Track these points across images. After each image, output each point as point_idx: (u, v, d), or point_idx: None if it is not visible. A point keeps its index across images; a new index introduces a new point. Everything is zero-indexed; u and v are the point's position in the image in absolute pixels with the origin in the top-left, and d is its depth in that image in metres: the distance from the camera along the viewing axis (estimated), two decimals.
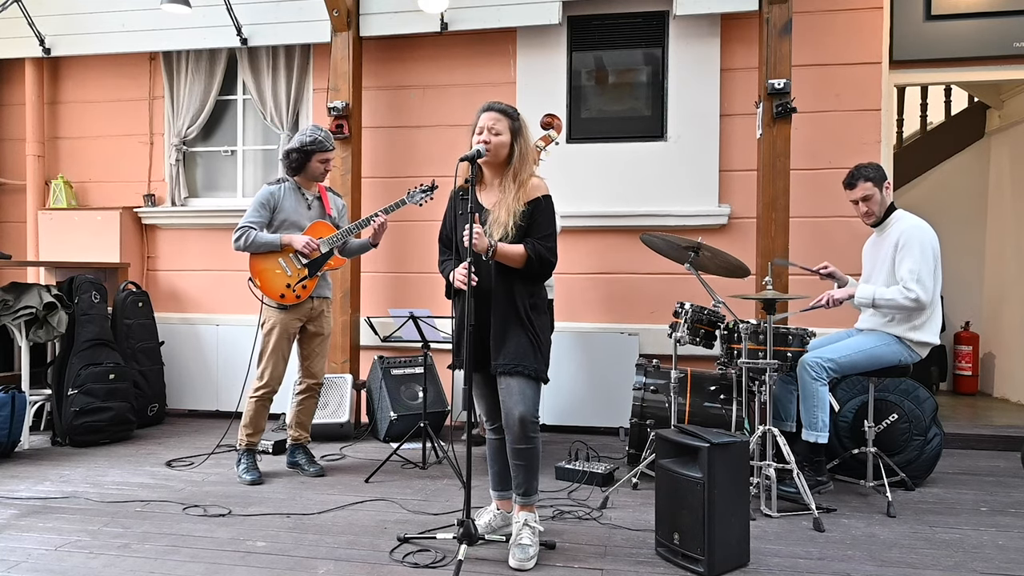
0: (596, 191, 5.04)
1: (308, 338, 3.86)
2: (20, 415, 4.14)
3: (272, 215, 3.73)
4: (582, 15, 5.09)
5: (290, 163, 3.77)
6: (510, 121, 2.71)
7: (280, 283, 3.69)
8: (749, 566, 2.63)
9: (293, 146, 3.75)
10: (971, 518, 3.21)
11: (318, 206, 3.87)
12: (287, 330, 3.75)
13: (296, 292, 3.71)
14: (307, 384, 3.91)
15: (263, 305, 3.73)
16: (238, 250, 3.67)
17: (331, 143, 3.80)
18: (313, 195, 3.86)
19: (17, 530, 2.97)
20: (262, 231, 3.70)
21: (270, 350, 3.73)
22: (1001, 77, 4.89)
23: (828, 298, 3.51)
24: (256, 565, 2.62)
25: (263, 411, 3.80)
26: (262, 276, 3.69)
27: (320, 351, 3.91)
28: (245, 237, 3.64)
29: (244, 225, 3.66)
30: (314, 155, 3.74)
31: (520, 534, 2.67)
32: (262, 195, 3.74)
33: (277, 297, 3.69)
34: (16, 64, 5.88)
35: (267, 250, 3.67)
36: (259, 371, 3.76)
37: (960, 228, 6.35)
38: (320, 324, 3.87)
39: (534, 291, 2.72)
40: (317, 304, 3.83)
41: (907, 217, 3.54)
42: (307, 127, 3.80)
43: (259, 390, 3.75)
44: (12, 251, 5.83)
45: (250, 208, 3.72)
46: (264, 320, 3.75)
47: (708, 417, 3.77)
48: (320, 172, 3.81)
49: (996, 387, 6.14)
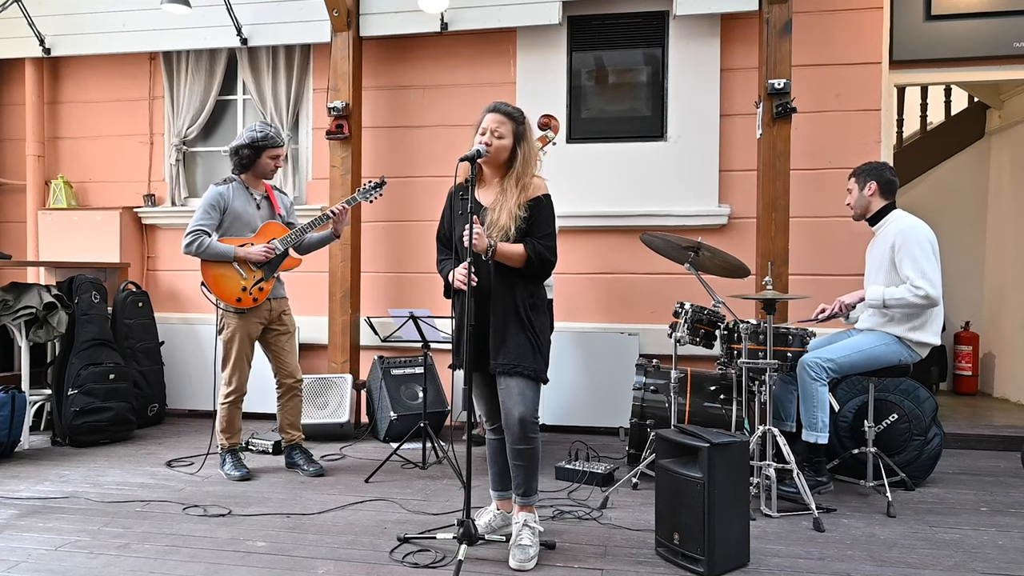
0: (596, 191, 5.04)
1: (274, 338, 3.82)
2: (20, 415, 4.14)
3: (222, 216, 3.66)
4: (582, 15, 5.09)
5: (240, 160, 3.70)
6: (514, 125, 2.70)
7: (235, 286, 3.63)
8: (749, 566, 2.63)
9: (242, 142, 3.67)
10: (971, 518, 3.21)
11: (267, 205, 3.81)
12: (248, 333, 3.70)
13: (253, 295, 3.66)
14: (286, 384, 3.87)
15: (219, 311, 3.68)
16: (188, 255, 3.60)
17: (281, 139, 3.75)
18: (261, 194, 3.80)
19: (17, 530, 2.97)
20: (213, 234, 3.64)
21: (234, 356, 3.70)
22: (1001, 77, 4.89)
23: (840, 304, 3.53)
24: (256, 565, 2.62)
25: (236, 414, 3.79)
26: (215, 280, 3.62)
27: (289, 348, 3.87)
28: (198, 244, 3.57)
29: (196, 229, 3.57)
30: (264, 151, 3.68)
31: (520, 534, 2.67)
32: (211, 197, 3.64)
33: (233, 301, 3.63)
34: (16, 64, 5.88)
35: (220, 259, 3.61)
36: (226, 376, 3.73)
37: (960, 228, 6.35)
38: (283, 322, 3.83)
39: (534, 291, 2.72)
40: (276, 305, 3.80)
41: (902, 217, 3.54)
42: (254, 123, 3.74)
43: (229, 395, 3.75)
44: (12, 251, 5.82)
45: (199, 210, 3.62)
46: (223, 326, 3.69)
47: (708, 417, 3.77)
48: (270, 169, 3.75)
49: (996, 387, 6.14)
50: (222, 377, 3.76)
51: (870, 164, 3.66)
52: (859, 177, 3.63)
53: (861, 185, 3.61)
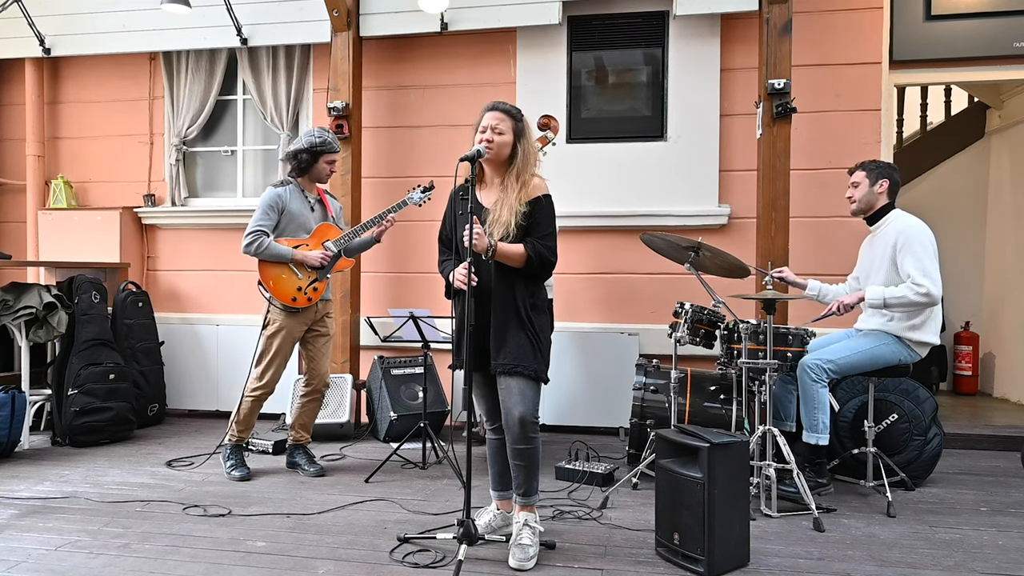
0: (596, 191, 5.04)
1: (313, 339, 3.87)
2: (20, 415, 4.14)
3: (279, 217, 3.72)
4: (582, 15, 5.09)
5: (298, 164, 3.76)
6: (513, 122, 2.72)
7: (291, 286, 3.69)
8: (749, 566, 2.63)
9: (301, 147, 3.74)
10: (971, 518, 3.21)
11: (320, 208, 3.88)
12: (292, 334, 3.75)
13: (308, 295, 3.73)
14: (313, 386, 3.90)
15: (270, 307, 3.73)
16: (248, 255, 3.66)
17: (338, 145, 3.84)
18: (314, 198, 3.87)
19: (17, 530, 2.97)
20: (271, 235, 3.70)
21: (273, 352, 3.73)
22: (1001, 77, 4.89)
23: (839, 304, 3.51)
24: (256, 565, 2.62)
25: (257, 410, 3.82)
26: (273, 279, 3.69)
27: (325, 351, 3.91)
28: (258, 244, 3.63)
29: (256, 230, 3.64)
30: (322, 156, 3.75)
31: (520, 534, 2.67)
32: (269, 198, 3.71)
33: (289, 300, 3.69)
34: (16, 64, 5.88)
35: (277, 260, 3.67)
36: (259, 371, 3.76)
37: (960, 228, 6.35)
38: (325, 325, 3.89)
39: (534, 291, 2.73)
40: (322, 307, 3.86)
41: (903, 217, 3.54)
42: (312, 128, 3.81)
43: (257, 390, 3.76)
44: (12, 251, 5.82)
45: (258, 211, 3.69)
46: (269, 322, 3.75)
47: (708, 417, 3.77)
48: (326, 173, 3.83)
49: (996, 387, 6.14)
50: (254, 372, 3.78)
51: (880, 162, 3.63)
52: (870, 172, 3.57)
53: (872, 181, 3.56)
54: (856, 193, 3.61)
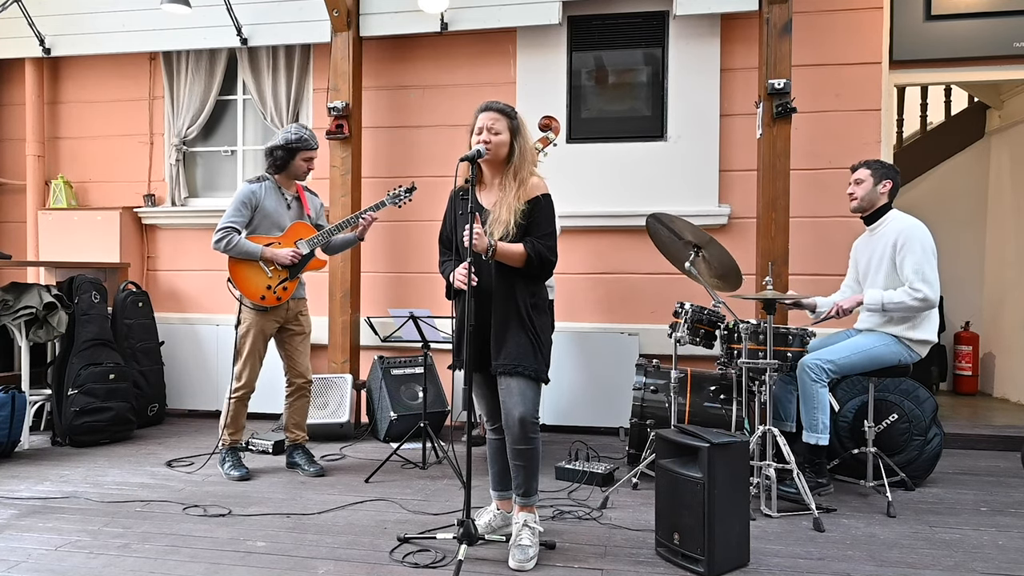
0: (596, 191, 5.04)
1: (288, 338, 3.85)
2: (20, 415, 4.14)
3: (252, 214, 3.70)
4: (582, 15, 5.09)
5: (274, 160, 3.74)
6: (509, 120, 2.72)
7: (260, 284, 3.67)
8: (749, 566, 2.63)
9: (277, 143, 3.72)
10: (971, 518, 3.21)
11: (297, 206, 3.85)
12: (263, 331, 3.74)
13: (277, 294, 3.70)
14: (296, 384, 3.89)
15: (240, 306, 3.72)
16: (218, 251, 3.64)
17: (316, 142, 3.79)
18: (292, 195, 3.84)
19: (17, 530, 2.97)
20: (243, 232, 3.68)
21: (247, 351, 3.73)
22: (1001, 77, 4.89)
23: (836, 308, 3.52)
24: (256, 565, 2.62)
25: (243, 410, 3.82)
26: (242, 277, 3.67)
27: (303, 348, 3.89)
28: (227, 241, 3.61)
29: (227, 226, 3.62)
30: (299, 153, 3.72)
31: (520, 534, 2.67)
32: (243, 194, 3.69)
33: (257, 298, 3.67)
34: (16, 64, 5.88)
35: (247, 258, 3.65)
36: (237, 372, 3.76)
37: (960, 228, 6.35)
38: (300, 323, 3.87)
39: (535, 291, 2.72)
40: (294, 305, 3.83)
41: (902, 217, 3.54)
42: (290, 125, 3.78)
43: (238, 391, 3.77)
44: (12, 251, 5.82)
45: (230, 207, 3.67)
46: (240, 320, 3.73)
47: (708, 417, 3.77)
48: (303, 171, 3.80)
49: (996, 387, 6.14)
50: (234, 373, 3.77)
51: (884, 163, 3.62)
52: (875, 171, 3.56)
53: (877, 180, 3.55)
54: (859, 191, 3.59)
